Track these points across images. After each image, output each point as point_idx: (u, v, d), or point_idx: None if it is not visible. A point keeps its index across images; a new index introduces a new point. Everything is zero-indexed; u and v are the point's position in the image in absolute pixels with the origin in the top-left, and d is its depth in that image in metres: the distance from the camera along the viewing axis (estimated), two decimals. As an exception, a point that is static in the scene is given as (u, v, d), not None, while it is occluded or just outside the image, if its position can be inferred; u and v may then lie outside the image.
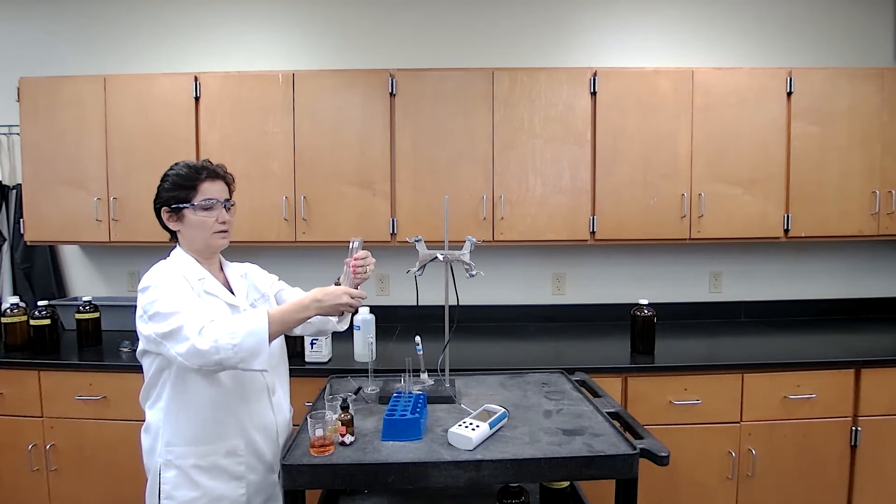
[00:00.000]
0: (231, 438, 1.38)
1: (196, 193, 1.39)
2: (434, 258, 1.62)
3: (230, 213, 1.45)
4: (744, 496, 2.13)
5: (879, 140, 2.47)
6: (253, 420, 1.41)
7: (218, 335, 1.22)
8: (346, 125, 2.44)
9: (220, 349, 1.21)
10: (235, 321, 1.26)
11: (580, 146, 2.45)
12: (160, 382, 1.38)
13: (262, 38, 2.80)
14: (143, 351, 1.38)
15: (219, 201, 1.42)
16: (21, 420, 2.16)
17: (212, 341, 1.22)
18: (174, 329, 1.24)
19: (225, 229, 1.43)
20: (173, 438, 1.36)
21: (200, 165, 1.42)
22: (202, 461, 1.36)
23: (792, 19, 2.81)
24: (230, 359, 1.23)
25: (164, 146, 2.41)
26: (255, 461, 1.41)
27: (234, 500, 1.38)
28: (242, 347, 1.23)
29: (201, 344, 1.21)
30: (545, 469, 1.21)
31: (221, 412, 1.36)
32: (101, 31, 2.80)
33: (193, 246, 1.44)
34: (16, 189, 2.77)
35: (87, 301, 2.39)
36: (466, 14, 2.80)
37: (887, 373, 2.13)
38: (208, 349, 1.21)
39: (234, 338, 1.22)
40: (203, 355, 1.22)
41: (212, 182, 1.41)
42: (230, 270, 1.53)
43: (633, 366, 2.11)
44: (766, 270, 2.90)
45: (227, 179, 1.46)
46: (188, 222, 1.40)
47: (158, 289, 1.30)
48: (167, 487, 1.35)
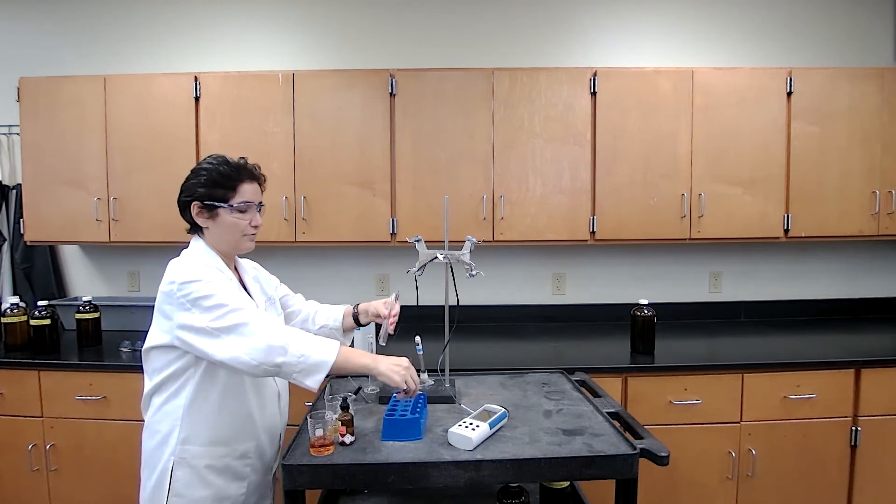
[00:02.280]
0: (246, 441, 1.39)
1: (235, 194, 1.35)
2: (434, 258, 1.62)
3: (261, 216, 1.43)
4: (744, 496, 2.13)
5: (879, 140, 2.47)
6: (265, 424, 1.42)
7: (290, 339, 1.22)
8: (346, 125, 2.44)
9: (288, 352, 1.21)
10: (310, 337, 1.26)
11: (580, 146, 2.45)
12: (182, 380, 1.33)
13: (262, 38, 2.80)
14: (155, 346, 1.32)
15: (254, 204, 1.39)
16: (21, 420, 2.16)
17: (284, 342, 1.21)
18: (239, 323, 1.22)
19: (255, 232, 1.41)
20: (190, 437, 1.34)
21: (241, 164, 1.38)
22: (217, 462, 1.36)
23: (792, 19, 2.81)
24: (292, 365, 1.22)
25: (164, 146, 2.39)
26: (258, 462, 1.43)
27: (235, 498, 1.39)
28: (308, 361, 1.22)
29: (275, 340, 1.21)
30: (545, 469, 1.21)
31: (240, 415, 1.37)
32: (101, 31, 2.80)
33: (220, 245, 1.39)
34: (16, 189, 2.77)
35: (87, 301, 2.39)
36: (466, 14, 2.80)
37: (887, 373, 2.13)
38: (279, 347, 1.20)
39: (305, 349, 1.22)
40: (270, 353, 1.20)
41: (251, 183, 1.38)
42: (243, 271, 1.51)
43: (633, 366, 2.11)
44: (766, 270, 2.90)
45: (261, 181, 1.43)
46: (221, 221, 1.36)
47: (210, 283, 1.26)
48: (177, 485, 1.33)
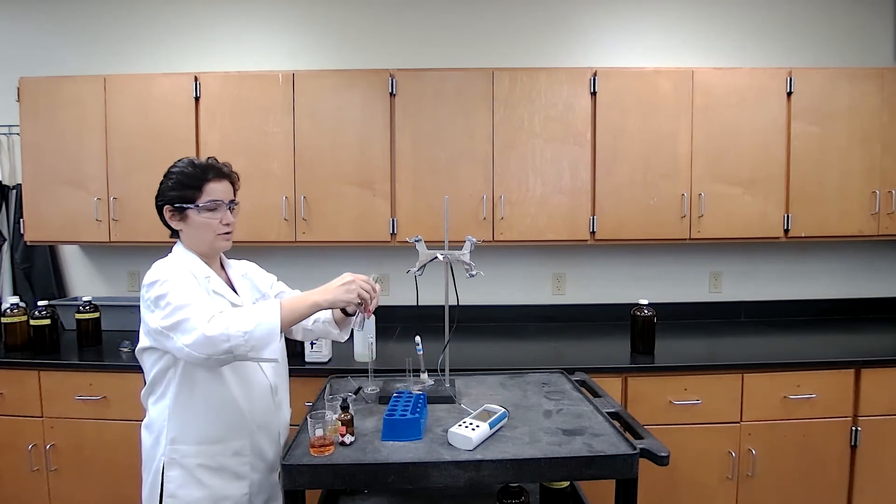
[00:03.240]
0: (238, 438, 1.38)
1: (201, 194, 1.36)
2: (434, 258, 1.62)
3: (234, 214, 1.43)
4: (744, 496, 2.13)
5: (879, 140, 2.47)
6: (257, 420, 1.40)
7: (228, 323, 1.20)
8: (346, 125, 2.44)
9: (230, 336, 1.18)
10: (245, 311, 1.25)
11: (580, 146, 2.45)
12: (165, 380, 1.35)
13: (262, 38, 2.80)
14: (144, 349, 1.36)
15: (223, 202, 1.39)
16: (21, 420, 2.16)
17: (222, 328, 1.19)
18: (182, 320, 1.21)
19: (228, 231, 1.41)
20: (178, 437, 1.34)
21: (206, 164, 1.39)
22: (210, 461, 1.35)
23: (792, 19, 2.81)
24: (240, 346, 1.19)
25: (164, 146, 2.40)
26: (258, 461, 1.41)
27: (237, 499, 1.38)
28: (254, 335, 1.20)
29: (211, 330, 1.18)
30: (545, 469, 1.21)
31: (228, 412, 1.36)
32: (101, 31, 2.80)
33: (196, 246, 1.42)
34: (16, 189, 2.77)
35: (87, 301, 2.39)
36: (466, 14, 2.80)
37: (887, 373, 2.13)
38: (218, 335, 1.18)
39: (246, 325, 1.20)
40: (213, 343, 1.18)
41: (217, 182, 1.38)
42: (232, 270, 1.53)
43: (633, 366, 2.11)
44: (766, 270, 2.90)
45: (232, 178, 1.43)
46: (192, 223, 1.38)
47: (168, 283, 1.27)
48: (171, 486, 1.34)
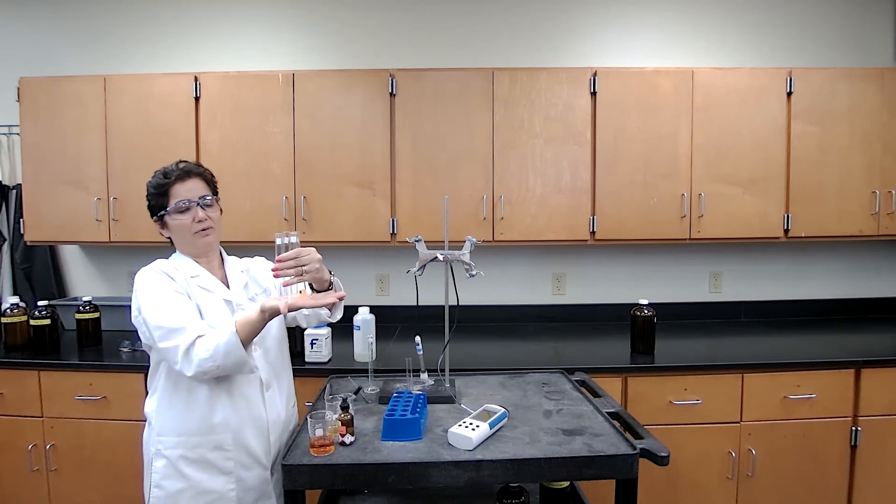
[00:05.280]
0: (219, 432, 1.37)
1: (168, 199, 1.39)
2: (434, 258, 1.62)
3: (212, 209, 1.43)
4: (744, 496, 2.13)
5: (879, 140, 2.47)
6: (241, 415, 1.39)
7: (200, 358, 1.27)
8: (346, 125, 2.44)
9: (206, 371, 1.28)
10: (211, 340, 1.28)
11: (580, 146, 2.45)
12: (158, 372, 1.42)
13: (262, 38, 2.80)
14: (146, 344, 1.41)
15: (192, 201, 1.39)
16: (21, 420, 2.16)
17: (196, 367, 1.27)
18: (164, 349, 1.30)
19: (205, 227, 1.41)
20: (163, 428, 1.38)
21: (170, 169, 1.41)
22: (189, 453, 1.36)
23: (792, 19, 2.81)
24: (218, 369, 1.29)
25: (164, 146, 2.40)
26: (244, 457, 1.39)
27: (223, 494, 1.37)
28: (226, 366, 1.28)
29: (189, 371, 1.28)
30: (545, 469, 1.21)
31: (209, 405, 1.37)
32: (101, 31, 2.80)
33: (184, 248, 1.45)
34: (16, 189, 2.77)
35: (87, 301, 2.39)
36: (466, 14, 2.80)
37: (887, 373, 2.13)
38: (195, 374, 1.28)
39: (216, 360, 1.27)
40: (195, 377, 1.30)
41: (182, 183, 1.39)
42: (230, 266, 1.53)
43: (633, 366, 2.11)
44: (766, 270, 2.90)
45: (204, 176, 1.44)
46: (171, 228, 1.42)
47: (144, 306, 1.33)
48: (156, 477, 1.37)
